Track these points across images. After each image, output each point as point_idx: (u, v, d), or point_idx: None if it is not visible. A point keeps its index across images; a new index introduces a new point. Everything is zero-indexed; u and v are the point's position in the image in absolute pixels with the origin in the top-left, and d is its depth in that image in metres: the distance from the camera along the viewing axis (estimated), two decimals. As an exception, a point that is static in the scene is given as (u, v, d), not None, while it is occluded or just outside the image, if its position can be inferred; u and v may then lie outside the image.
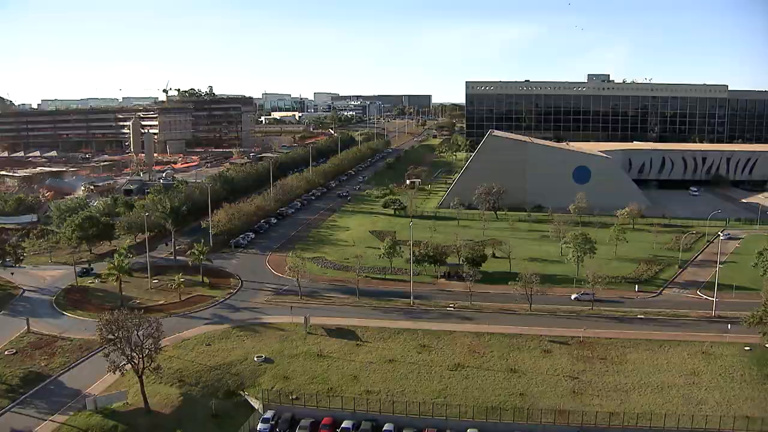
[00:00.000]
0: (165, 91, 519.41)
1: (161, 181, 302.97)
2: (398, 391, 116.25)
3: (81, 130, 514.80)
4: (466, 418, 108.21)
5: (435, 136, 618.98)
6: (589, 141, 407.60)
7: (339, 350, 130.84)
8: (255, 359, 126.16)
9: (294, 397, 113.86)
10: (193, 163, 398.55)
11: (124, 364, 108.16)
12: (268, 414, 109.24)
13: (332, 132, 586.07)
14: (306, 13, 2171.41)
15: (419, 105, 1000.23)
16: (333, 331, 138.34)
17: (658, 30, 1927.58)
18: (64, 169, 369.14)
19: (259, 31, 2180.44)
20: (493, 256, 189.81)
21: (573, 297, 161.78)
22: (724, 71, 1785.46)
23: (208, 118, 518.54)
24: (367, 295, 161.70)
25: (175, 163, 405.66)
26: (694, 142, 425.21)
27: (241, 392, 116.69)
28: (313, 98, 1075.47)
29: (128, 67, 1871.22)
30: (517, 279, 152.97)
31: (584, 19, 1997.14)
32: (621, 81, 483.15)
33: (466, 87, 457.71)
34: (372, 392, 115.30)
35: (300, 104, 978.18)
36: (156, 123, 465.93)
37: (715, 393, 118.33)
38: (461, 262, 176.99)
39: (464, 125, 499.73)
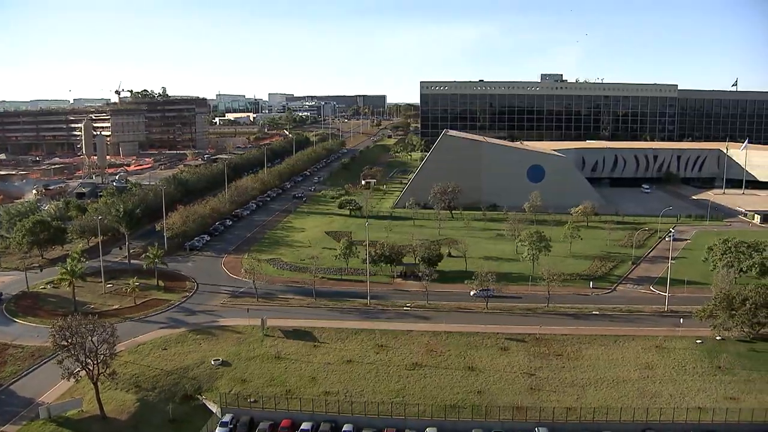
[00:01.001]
0: (117, 92, 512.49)
1: (114, 183, 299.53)
2: (357, 391, 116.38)
3: (31, 132, 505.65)
4: (425, 417, 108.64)
5: (390, 137, 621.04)
6: (543, 140, 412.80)
7: (296, 352, 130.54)
8: (212, 362, 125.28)
9: (252, 399, 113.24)
10: (147, 165, 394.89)
11: (79, 371, 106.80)
12: (227, 417, 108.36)
13: (287, 133, 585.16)
14: (260, 13, 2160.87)
15: (374, 105, 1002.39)
16: (290, 333, 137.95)
17: (611, 30, 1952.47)
18: (13, 172, 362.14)
19: (213, 31, 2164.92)
20: (449, 255, 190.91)
21: (472, 294, 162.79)
22: (674, 71, 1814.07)
23: (161, 119, 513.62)
24: (324, 295, 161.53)
25: (129, 165, 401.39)
26: (646, 140, 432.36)
27: (199, 396, 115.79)
28: (267, 99, 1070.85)
29: (79, 68, 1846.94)
30: (473, 278, 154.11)
31: (539, 19, 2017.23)
32: (574, 81, 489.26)
33: (421, 87, 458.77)
34: (330, 393, 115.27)
35: (254, 105, 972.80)
36: (108, 125, 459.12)
37: (669, 386, 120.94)
38: (417, 262, 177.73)
39: (419, 125, 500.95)
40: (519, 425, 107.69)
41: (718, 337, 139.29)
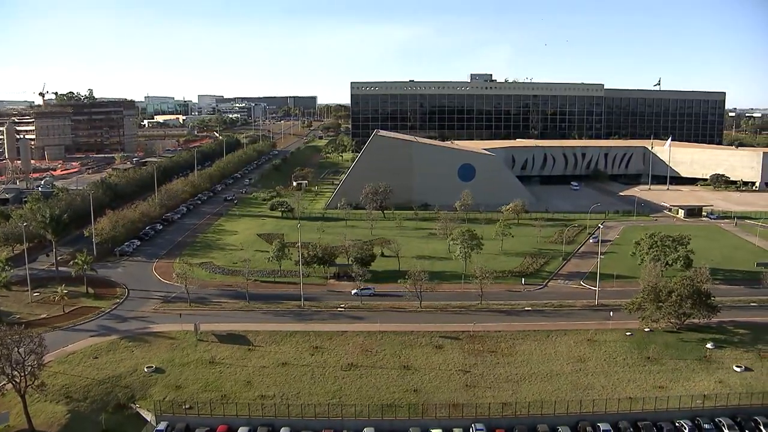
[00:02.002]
0: (41, 94, 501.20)
1: (39, 189, 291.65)
2: (293, 394, 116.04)
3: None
4: (362, 418, 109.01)
5: (321, 137, 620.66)
6: (473, 139, 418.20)
7: (231, 356, 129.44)
8: (145, 370, 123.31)
9: (187, 406, 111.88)
10: (74, 170, 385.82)
11: (5, 384, 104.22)
12: (162, 425, 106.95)
13: (217, 135, 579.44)
14: (188, 13, 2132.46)
15: (305, 106, 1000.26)
16: (224, 337, 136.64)
17: (539, 30, 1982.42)
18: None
19: (141, 32, 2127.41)
20: (382, 255, 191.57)
21: (353, 292, 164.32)
22: (600, 70, 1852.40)
23: (88, 122, 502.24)
24: (258, 298, 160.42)
25: (54, 169, 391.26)
26: (574, 138, 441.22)
27: (132, 405, 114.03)
28: (197, 101, 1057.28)
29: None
30: (406, 277, 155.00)
31: (468, 20, 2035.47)
32: (503, 81, 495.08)
33: (351, 88, 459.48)
34: (266, 397, 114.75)
35: (184, 107, 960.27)
36: (32, 128, 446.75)
37: (601, 378, 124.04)
38: (350, 262, 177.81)
39: (350, 126, 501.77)
40: (455, 422, 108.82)
41: (646, 329, 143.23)
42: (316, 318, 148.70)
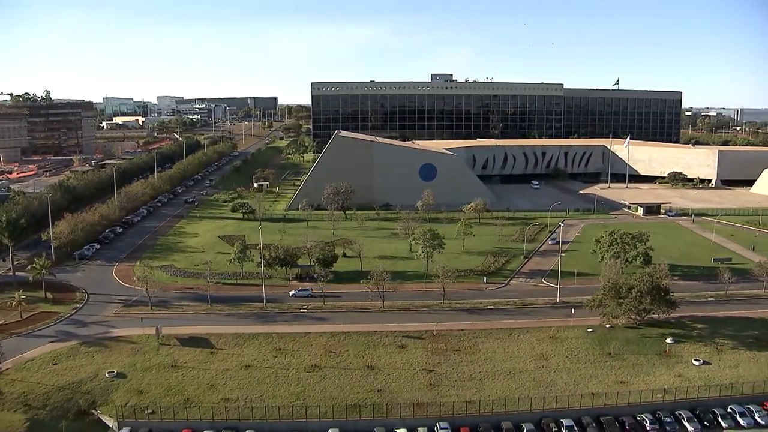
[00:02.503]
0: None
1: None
2: (256, 396, 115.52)
3: None
4: (326, 419, 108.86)
5: (282, 138, 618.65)
6: (434, 139, 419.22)
7: (194, 359, 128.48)
8: (106, 375, 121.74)
9: (150, 411, 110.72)
10: (31, 172, 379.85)
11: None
12: (124, 431, 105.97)
13: (177, 136, 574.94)
14: (144, 13, 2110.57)
15: (265, 107, 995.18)
16: (186, 341, 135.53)
17: (499, 30, 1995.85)
18: None
19: (99, 31, 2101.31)
20: (344, 255, 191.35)
21: (291, 293, 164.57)
22: (560, 70, 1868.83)
23: (45, 124, 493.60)
24: (220, 301, 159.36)
25: (10, 172, 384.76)
26: (534, 137, 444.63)
27: (94, 411, 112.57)
28: (156, 102, 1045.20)
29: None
30: (369, 277, 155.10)
31: (428, 20, 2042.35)
32: (464, 80, 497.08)
33: (312, 88, 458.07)
34: (230, 400, 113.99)
35: (143, 108, 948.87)
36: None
37: (563, 374, 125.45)
38: (312, 263, 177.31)
39: (311, 126, 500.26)
40: (420, 421, 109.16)
41: (607, 325, 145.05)
42: (278, 320, 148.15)
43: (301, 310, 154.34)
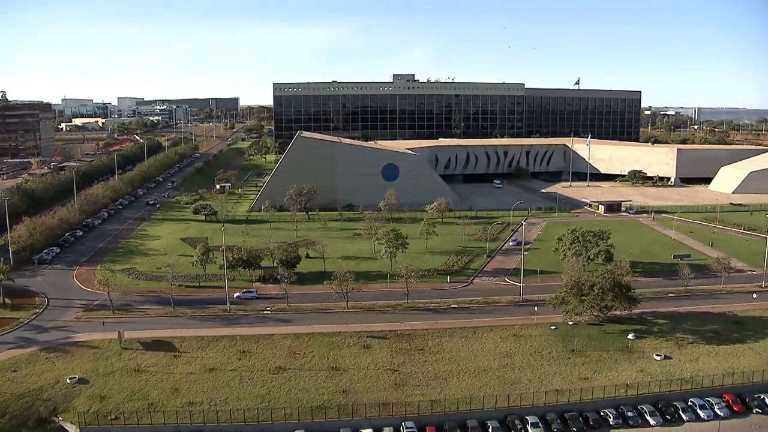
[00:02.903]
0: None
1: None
2: (221, 399, 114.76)
3: None
4: (292, 420, 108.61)
5: (244, 139, 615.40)
6: (396, 139, 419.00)
7: (157, 363, 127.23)
8: (68, 381, 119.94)
9: (113, 417, 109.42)
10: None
11: None
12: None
13: (138, 138, 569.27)
14: (103, 14, 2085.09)
15: (227, 108, 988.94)
16: (149, 344, 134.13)
17: (461, 30, 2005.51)
18: None
19: (56, 31, 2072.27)
20: (307, 256, 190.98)
21: (235, 295, 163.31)
22: (521, 69, 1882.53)
23: (2, 126, 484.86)
24: (183, 304, 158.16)
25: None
26: (496, 137, 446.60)
27: (55, 418, 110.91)
28: (116, 103, 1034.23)
29: None
30: (332, 278, 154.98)
31: (392, 19, 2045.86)
32: (426, 81, 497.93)
33: (274, 89, 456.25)
34: (194, 403, 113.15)
35: (103, 110, 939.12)
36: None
37: (528, 371, 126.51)
38: (276, 265, 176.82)
39: (273, 127, 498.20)
40: (386, 421, 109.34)
41: (570, 322, 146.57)
42: (242, 322, 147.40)
43: (265, 312, 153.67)
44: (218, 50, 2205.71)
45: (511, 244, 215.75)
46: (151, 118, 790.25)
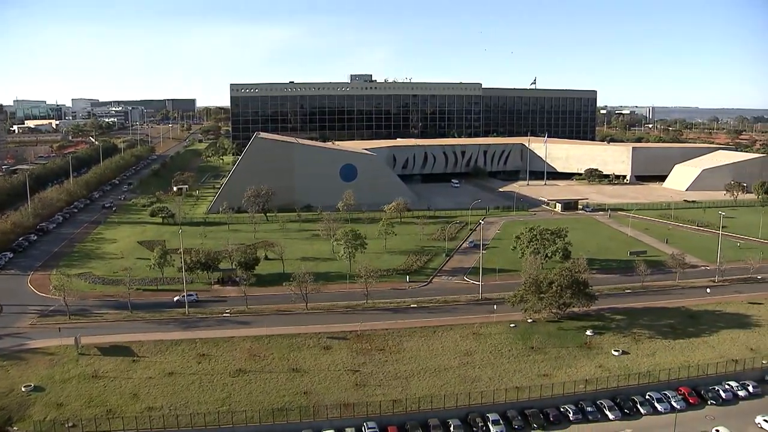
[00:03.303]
0: None
1: None
2: (181, 404, 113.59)
3: None
4: (253, 423, 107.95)
5: (201, 141, 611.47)
6: (354, 139, 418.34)
7: (115, 369, 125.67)
8: (23, 389, 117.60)
9: (70, 424, 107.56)
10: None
11: None
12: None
13: (93, 140, 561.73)
14: (54, 14, 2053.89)
15: (184, 109, 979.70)
16: (107, 350, 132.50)
17: (418, 31, 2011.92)
18: None
19: (7, 31, 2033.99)
20: (266, 258, 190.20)
21: (175, 299, 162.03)
22: (478, 69, 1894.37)
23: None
24: (141, 308, 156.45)
25: None
26: (453, 137, 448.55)
27: (9, 428, 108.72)
28: (71, 105, 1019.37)
29: None
30: (291, 279, 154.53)
31: (349, 20, 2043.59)
32: (383, 81, 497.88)
33: (231, 90, 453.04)
34: (154, 408, 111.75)
35: (57, 111, 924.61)
36: None
37: (488, 369, 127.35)
38: (234, 267, 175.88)
39: (230, 128, 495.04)
40: (347, 422, 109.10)
41: (529, 320, 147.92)
42: (201, 325, 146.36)
43: (224, 315, 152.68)
44: (174, 50, 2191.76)
45: (467, 245, 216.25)
46: (107, 120, 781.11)
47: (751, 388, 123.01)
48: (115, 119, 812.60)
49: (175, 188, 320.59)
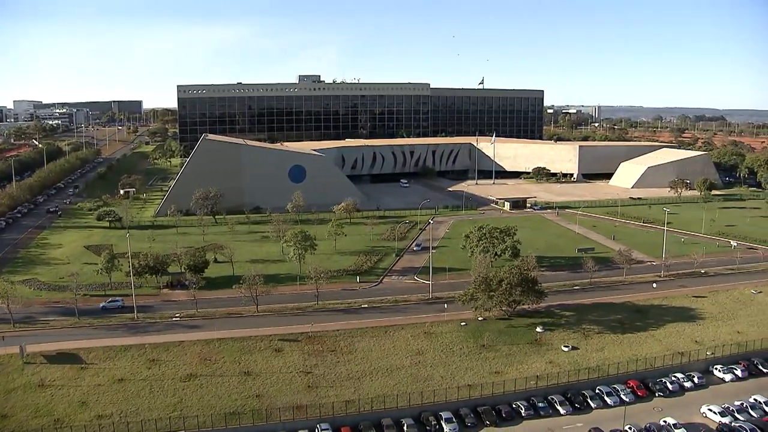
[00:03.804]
0: None
1: None
2: (132, 410, 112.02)
3: None
4: (205, 428, 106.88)
5: (148, 143, 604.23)
6: (303, 140, 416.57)
7: (62, 377, 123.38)
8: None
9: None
10: None
11: None
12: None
13: (36, 143, 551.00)
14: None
15: (130, 111, 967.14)
16: (54, 357, 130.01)
17: (365, 31, 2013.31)
18: None
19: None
20: (215, 261, 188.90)
21: (101, 306, 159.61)
22: (427, 69, 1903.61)
23: None
24: (88, 314, 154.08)
25: None
26: (402, 137, 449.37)
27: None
28: (12, 107, 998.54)
29: None
30: (241, 282, 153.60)
31: (294, 21, 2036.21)
32: (331, 81, 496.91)
33: (178, 91, 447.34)
34: (104, 416, 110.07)
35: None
36: None
37: (440, 368, 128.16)
38: (183, 270, 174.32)
39: (177, 130, 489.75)
40: (300, 424, 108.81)
41: (480, 318, 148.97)
42: (151, 330, 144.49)
43: (174, 319, 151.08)
44: (119, 51, 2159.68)
45: (415, 248, 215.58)
46: (51, 122, 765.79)
47: (696, 380, 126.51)
48: (60, 121, 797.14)
49: (122, 191, 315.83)
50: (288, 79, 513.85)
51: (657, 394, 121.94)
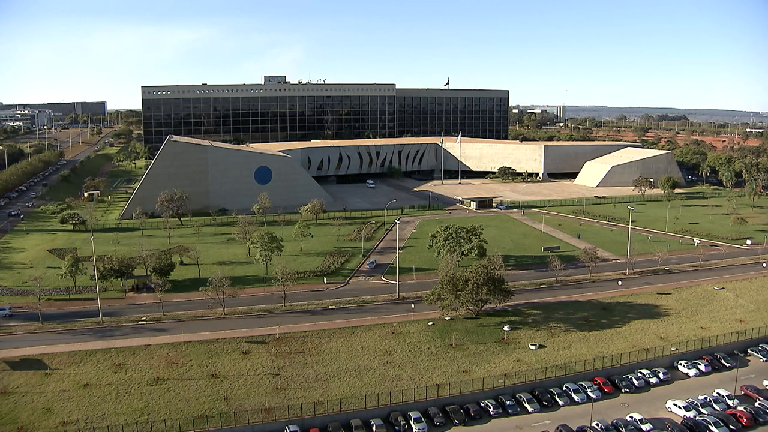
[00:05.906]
0: None
1: None
2: (98, 416, 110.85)
3: None
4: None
5: (112, 145, 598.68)
6: (269, 141, 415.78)
7: (26, 383, 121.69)
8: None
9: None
10: None
11: None
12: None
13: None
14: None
15: (93, 113, 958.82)
16: (17, 363, 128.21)
17: (330, 31, 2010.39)
18: None
19: None
20: (181, 263, 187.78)
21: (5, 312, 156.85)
22: (393, 70, 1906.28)
23: None
24: (52, 318, 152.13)
25: None
26: (368, 137, 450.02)
27: None
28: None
29: None
30: (208, 284, 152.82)
31: (258, 21, 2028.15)
32: (297, 82, 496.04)
33: (142, 92, 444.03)
34: (69, 422, 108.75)
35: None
36: None
37: (408, 368, 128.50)
38: (149, 273, 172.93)
39: (142, 132, 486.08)
40: (269, 426, 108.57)
41: (447, 318, 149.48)
42: (117, 334, 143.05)
43: (140, 322, 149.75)
44: (81, 52, 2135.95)
45: (368, 266, 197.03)
46: (11, 124, 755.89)
47: (661, 375, 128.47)
48: (21, 123, 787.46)
49: (86, 194, 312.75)
50: (253, 80, 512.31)
51: (623, 390, 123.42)
